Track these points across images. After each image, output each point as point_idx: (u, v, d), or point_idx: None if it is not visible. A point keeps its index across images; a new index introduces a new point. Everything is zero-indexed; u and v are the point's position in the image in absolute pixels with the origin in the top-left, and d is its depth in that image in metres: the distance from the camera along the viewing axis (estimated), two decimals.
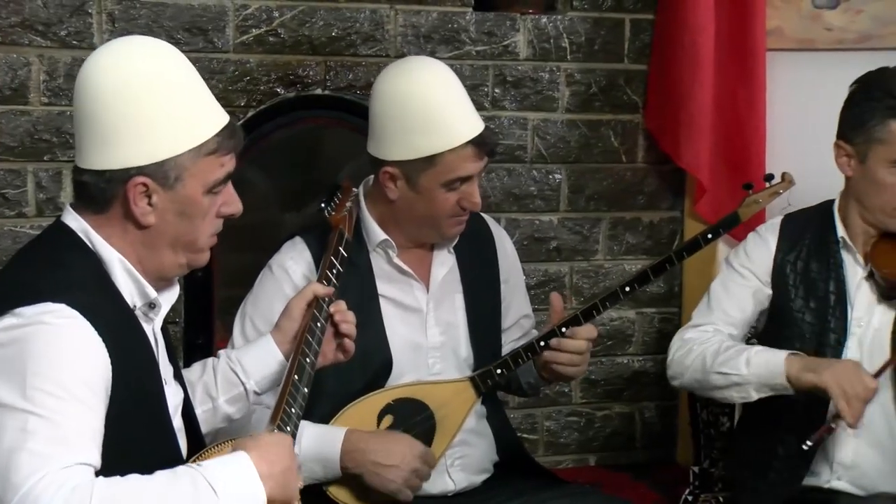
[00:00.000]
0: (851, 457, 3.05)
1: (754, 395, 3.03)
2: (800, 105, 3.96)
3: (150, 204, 2.14)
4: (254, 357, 2.57)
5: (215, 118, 2.20)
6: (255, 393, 2.56)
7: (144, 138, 2.12)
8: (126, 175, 2.12)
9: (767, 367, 2.98)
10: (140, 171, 2.12)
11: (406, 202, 2.91)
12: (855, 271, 3.09)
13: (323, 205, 2.82)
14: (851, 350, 3.05)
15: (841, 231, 3.11)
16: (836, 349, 3.06)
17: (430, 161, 2.84)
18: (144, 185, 2.12)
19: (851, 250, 3.09)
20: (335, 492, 2.84)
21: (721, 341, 3.11)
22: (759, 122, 3.96)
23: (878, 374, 2.92)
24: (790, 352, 2.99)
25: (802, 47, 3.96)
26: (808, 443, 2.93)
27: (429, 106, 2.85)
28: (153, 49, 2.20)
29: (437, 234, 2.96)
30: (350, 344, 2.61)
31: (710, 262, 3.92)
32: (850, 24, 3.87)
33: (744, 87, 3.95)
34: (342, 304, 2.60)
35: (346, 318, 2.59)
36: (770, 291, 3.16)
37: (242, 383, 2.54)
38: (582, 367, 2.98)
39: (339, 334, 2.60)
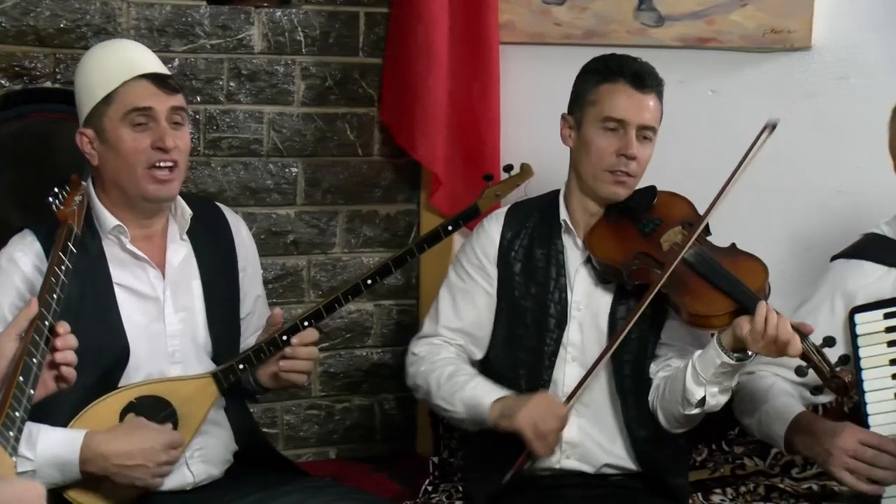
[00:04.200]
0: (577, 436, 3.32)
1: (475, 429, 3.32)
2: (532, 97, 4.17)
3: None
4: None
5: None
6: None
7: None
8: None
9: (476, 411, 3.26)
10: None
11: (104, 161, 3.06)
12: (575, 255, 3.37)
13: (51, 199, 2.89)
14: (572, 333, 3.33)
15: (563, 214, 3.38)
16: (557, 333, 3.33)
17: (108, 101, 3.03)
18: None
19: (572, 233, 3.37)
20: (75, 496, 2.91)
21: (445, 366, 3.36)
22: (493, 115, 4.16)
23: (569, 399, 3.21)
24: (496, 396, 3.24)
25: (533, 41, 4.19)
26: (507, 476, 3.21)
27: (105, 57, 3.08)
28: None
29: (137, 191, 3.06)
30: (68, 371, 2.65)
31: (447, 253, 4.11)
32: (577, 21, 4.14)
33: (478, 79, 4.15)
34: (63, 327, 2.64)
35: (66, 343, 2.63)
36: (497, 282, 3.38)
37: None
38: (309, 374, 3.20)
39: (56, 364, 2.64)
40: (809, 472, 3.87)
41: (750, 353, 3.07)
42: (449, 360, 3.38)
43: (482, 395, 3.26)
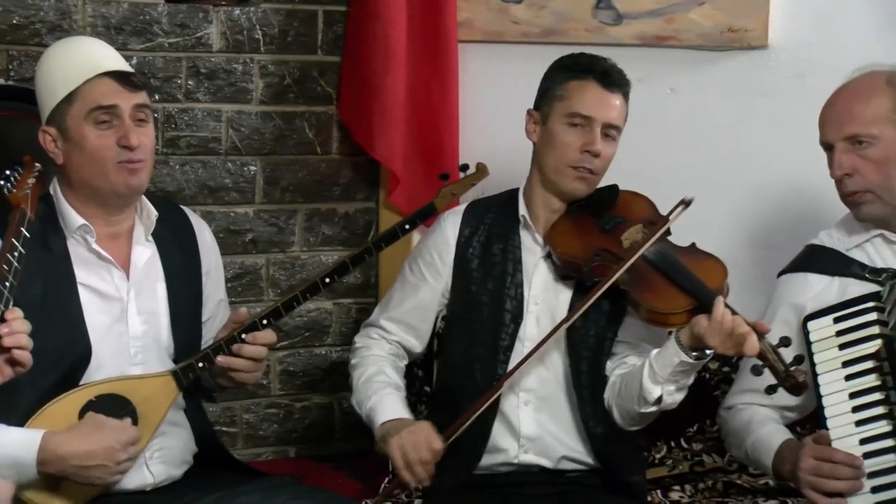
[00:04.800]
0: (536, 430, 3.35)
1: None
2: (490, 95, 4.20)
3: None
4: None
5: None
6: None
7: None
8: None
9: (371, 425, 3.32)
10: None
11: (70, 160, 3.05)
12: (533, 250, 3.40)
13: (2, 182, 2.85)
14: (529, 327, 3.36)
15: (523, 210, 3.42)
16: (512, 328, 3.36)
17: (70, 100, 3.02)
18: None
19: (531, 229, 3.41)
20: (31, 496, 2.89)
21: (369, 366, 3.42)
22: (451, 113, 4.18)
23: (451, 436, 3.19)
24: (388, 418, 3.27)
25: (492, 39, 4.22)
26: (375, 499, 3.33)
27: (66, 54, 3.07)
28: None
29: (108, 186, 3.06)
30: (21, 354, 2.64)
31: (406, 251, 4.08)
32: (535, 19, 4.18)
33: (436, 78, 4.17)
34: (15, 313, 2.64)
35: (11, 328, 2.62)
36: (450, 280, 3.42)
37: None
38: (258, 373, 3.18)
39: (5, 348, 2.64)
40: None
41: (708, 352, 3.11)
42: (375, 360, 3.43)
43: (379, 411, 3.30)
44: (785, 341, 3.07)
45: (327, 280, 3.15)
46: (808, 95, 4.03)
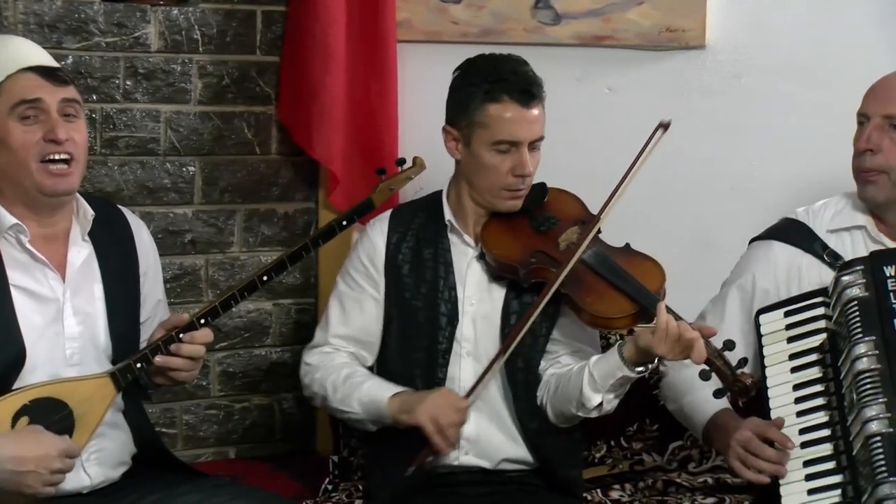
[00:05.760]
0: (475, 431, 3.36)
1: (373, 428, 3.36)
2: (430, 95, 4.17)
3: None
4: None
5: None
6: None
7: None
8: None
9: (374, 407, 3.30)
10: None
11: None
12: (465, 252, 3.40)
13: None
14: (465, 328, 3.37)
15: (448, 215, 3.41)
16: (449, 331, 3.36)
17: None
18: None
19: (459, 233, 3.40)
20: None
21: (339, 369, 3.39)
22: (391, 113, 4.18)
23: (469, 394, 3.25)
24: (393, 392, 3.28)
25: (431, 39, 4.23)
26: (408, 471, 3.24)
27: None
28: None
29: (33, 185, 3.01)
30: None
31: (346, 252, 4.06)
32: (474, 19, 4.20)
33: (376, 78, 4.17)
34: None
35: None
36: (385, 288, 3.41)
37: None
38: (195, 371, 3.16)
39: None
40: (705, 467, 3.96)
41: (650, 365, 3.15)
42: (343, 364, 3.42)
43: (379, 392, 3.29)
44: (728, 345, 3.09)
45: (265, 278, 3.13)
46: (745, 95, 4.10)
